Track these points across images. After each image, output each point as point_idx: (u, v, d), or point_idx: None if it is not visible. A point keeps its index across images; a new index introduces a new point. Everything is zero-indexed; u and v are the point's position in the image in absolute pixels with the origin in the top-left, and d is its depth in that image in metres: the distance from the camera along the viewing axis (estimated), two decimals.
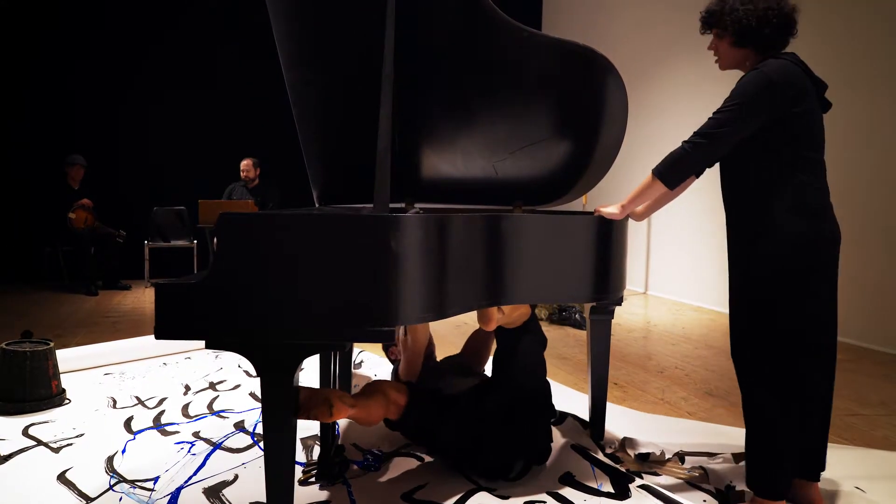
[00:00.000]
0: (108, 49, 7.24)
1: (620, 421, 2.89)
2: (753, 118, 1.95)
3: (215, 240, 1.68)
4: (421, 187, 2.84)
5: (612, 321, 2.61)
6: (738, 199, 2.07)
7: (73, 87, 7.12)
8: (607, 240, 2.38)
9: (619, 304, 2.51)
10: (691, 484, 2.27)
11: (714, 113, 2.00)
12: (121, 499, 2.11)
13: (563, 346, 4.54)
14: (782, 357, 1.97)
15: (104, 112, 7.25)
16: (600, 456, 2.44)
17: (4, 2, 6.62)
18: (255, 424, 2.78)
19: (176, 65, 7.48)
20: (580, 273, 2.34)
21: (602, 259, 2.37)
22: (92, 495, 2.13)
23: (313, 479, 2.24)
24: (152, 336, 1.72)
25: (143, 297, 6.20)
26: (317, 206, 2.82)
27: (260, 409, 2.70)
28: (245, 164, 6.90)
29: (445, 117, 2.60)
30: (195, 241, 7.10)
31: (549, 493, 2.18)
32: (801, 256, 1.94)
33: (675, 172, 2.05)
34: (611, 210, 2.33)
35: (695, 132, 2.01)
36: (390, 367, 3.69)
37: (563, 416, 2.80)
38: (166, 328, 1.68)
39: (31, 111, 7.01)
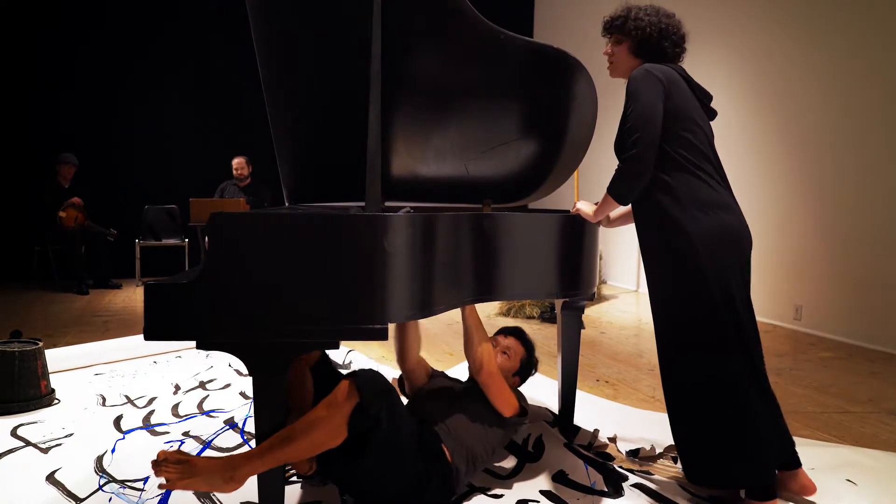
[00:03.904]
0: (100, 48, 7.18)
1: (610, 417, 2.90)
2: (655, 104, 2.00)
3: (206, 239, 1.67)
4: (392, 186, 2.83)
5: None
6: (637, 199, 2.15)
7: (64, 85, 7.06)
8: (581, 237, 2.42)
9: (591, 300, 2.54)
10: (684, 487, 2.26)
11: (623, 126, 2.06)
12: (110, 499, 2.09)
13: (555, 344, 4.54)
14: (706, 352, 2.01)
15: (96, 110, 7.20)
16: (588, 452, 2.45)
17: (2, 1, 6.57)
18: (245, 421, 2.77)
19: (168, 63, 7.44)
20: (557, 270, 2.37)
21: (576, 256, 2.41)
22: (81, 496, 2.11)
23: (304, 478, 2.23)
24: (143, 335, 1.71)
25: (134, 297, 6.17)
26: (286, 204, 2.82)
27: (250, 407, 2.68)
28: (238, 161, 6.86)
29: (418, 117, 2.59)
30: (186, 240, 7.07)
31: (543, 493, 2.18)
32: (701, 249, 1.99)
33: (621, 189, 2.11)
34: (587, 211, 2.37)
35: (623, 153, 2.06)
36: (375, 365, 3.69)
37: (555, 417, 2.81)
38: (156, 329, 1.67)
39: (22, 110, 6.95)
